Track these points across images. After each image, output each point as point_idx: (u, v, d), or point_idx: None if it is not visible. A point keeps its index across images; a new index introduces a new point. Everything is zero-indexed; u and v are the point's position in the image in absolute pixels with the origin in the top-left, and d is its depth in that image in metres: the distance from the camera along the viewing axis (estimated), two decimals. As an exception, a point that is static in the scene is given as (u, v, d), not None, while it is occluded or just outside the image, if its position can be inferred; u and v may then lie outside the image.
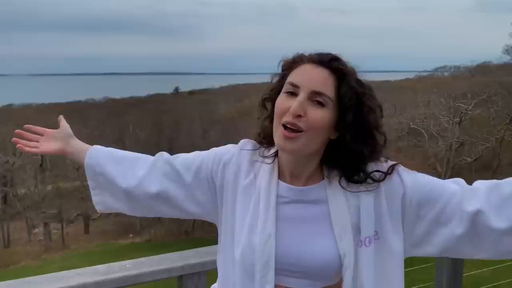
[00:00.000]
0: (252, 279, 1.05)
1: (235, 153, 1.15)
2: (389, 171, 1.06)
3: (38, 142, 1.27)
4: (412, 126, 28.98)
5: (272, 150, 1.13)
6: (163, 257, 1.63)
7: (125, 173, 1.21)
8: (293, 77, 1.06)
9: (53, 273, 1.55)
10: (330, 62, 1.05)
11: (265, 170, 1.11)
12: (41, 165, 26.26)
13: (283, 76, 1.09)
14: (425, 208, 1.06)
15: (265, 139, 1.13)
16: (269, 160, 1.12)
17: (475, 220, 1.03)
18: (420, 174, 1.10)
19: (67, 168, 25.45)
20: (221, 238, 1.16)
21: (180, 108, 31.08)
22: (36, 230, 25.64)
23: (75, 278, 1.48)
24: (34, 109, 38.11)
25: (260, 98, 1.14)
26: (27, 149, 1.24)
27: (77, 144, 1.27)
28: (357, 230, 1.05)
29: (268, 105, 1.12)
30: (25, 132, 1.27)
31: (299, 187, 1.09)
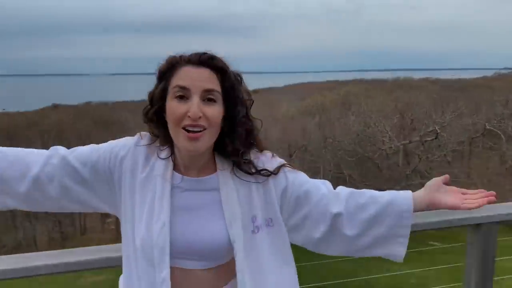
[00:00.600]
0: (152, 264, 1.13)
1: (131, 148, 1.19)
2: (275, 172, 1.18)
3: None
4: (488, 127, 27.09)
5: (165, 146, 1.18)
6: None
7: (21, 175, 1.17)
8: (179, 81, 1.10)
9: (87, 247, 1.70)
10: (209, 61, 1.12)
11: (161, 163, 1.17)
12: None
13: (164, 84, 1.13)
14: (301, 204, 1.20)
15: (161, 141, 1.18)
16: (163, 155, 1.17)
17: (335, 221, 1.20)
18: (300, 174, 1.23)
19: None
20: (122, 229, 1.21)
21: (244, 107, 31.56)
22: (109, 219, 27.43)
23: (103, 252, 1.60)
24: (110, 107, 40.61)
25: (143, 112, 1.18)
26: None
27: None
28: (250, 217, 1.16)
29: (153, 116, 1.15)
30: None
31: (193, 178, 1.16)
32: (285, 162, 1.21)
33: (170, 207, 1.14)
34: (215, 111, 1.10)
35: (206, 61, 1.11)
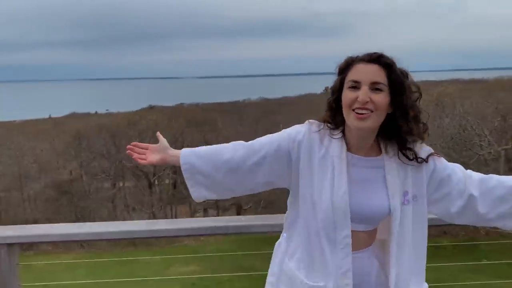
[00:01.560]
0: (334, 226, 1.40)
1: (306, 133, 1.46)
2: (426, 159, 1.46)
3: (145, 155, 1.58)
4: None
5: (338, 130, 1.45)
6: (269, 217, 2.01)
7: (215, 166, 1.51)
8: (353, 76, 1.38)
9: (194, 218, 2.11)
10: (378, 59, 1.37)
11: (336, 144, 1.44)
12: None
13: (341, 78, 1.42)
14: (443, 184, 1.50)
15: (333, 124, 1.46)
16: (337, 136, 1.44)
17: (470, 201, 1.49)
18: (442, 159, 1.51)
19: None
20: (299, 198, 1.47)
21: (329, 108, 31.12)
22: (197, 214, 28.91)
23: (208, 222, 2.07)
24: (201, 108, 42.53)
25: (327, 101, 1.47)
26: (140, 161, 1.56)
27: (173, 153, 1.57)
28: (402, 192, 1.44)
29: (332, 105, 1.45)
30: (136, 148, 1.60)
31: (363, 156, 1.44)
32: (433, 151, 1.50)
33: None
34: (381, 98, 1.36)
35: (376, 58, 1.38)
